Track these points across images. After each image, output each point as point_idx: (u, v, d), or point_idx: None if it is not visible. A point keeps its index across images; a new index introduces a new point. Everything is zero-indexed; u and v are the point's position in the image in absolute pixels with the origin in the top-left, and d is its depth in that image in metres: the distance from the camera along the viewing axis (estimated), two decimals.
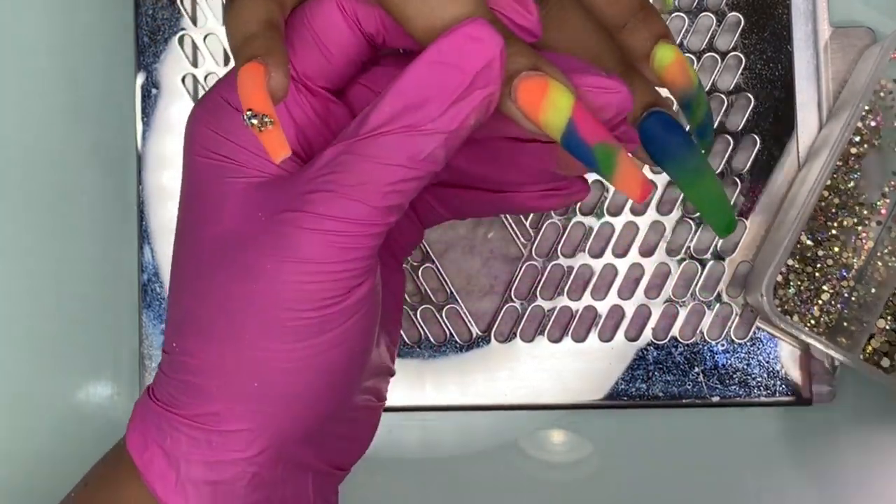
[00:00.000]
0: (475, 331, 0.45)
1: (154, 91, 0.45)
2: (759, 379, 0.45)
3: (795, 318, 0.44)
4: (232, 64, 0.45)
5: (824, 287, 0.44)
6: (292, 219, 0.26)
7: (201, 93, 0.46)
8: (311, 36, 0.28)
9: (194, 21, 0.46)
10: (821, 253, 0.45)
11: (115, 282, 0.46)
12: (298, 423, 0.29)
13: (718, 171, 0.45)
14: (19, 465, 0.46)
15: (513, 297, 0.45)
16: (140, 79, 0.45)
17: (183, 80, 0.45)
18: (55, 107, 0.47)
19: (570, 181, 0.31)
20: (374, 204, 0.26)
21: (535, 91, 0.24)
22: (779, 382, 0.45)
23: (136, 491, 0.29)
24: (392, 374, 0.33)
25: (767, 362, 0.45)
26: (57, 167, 0.47)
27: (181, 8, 0.46)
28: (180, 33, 0.46)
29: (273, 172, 0.28)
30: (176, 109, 0.45)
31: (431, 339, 0.45)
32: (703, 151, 0.26)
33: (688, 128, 0.28)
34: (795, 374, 0.45)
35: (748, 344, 0.45)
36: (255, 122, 0.25)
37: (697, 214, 0.45)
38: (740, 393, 0.45)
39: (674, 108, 0.30)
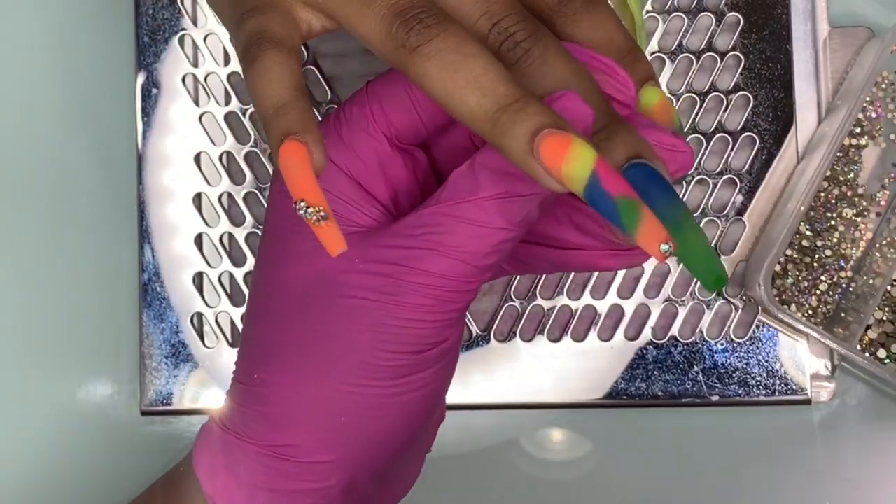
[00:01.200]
0: (475, 330, 0.45)
1: (154, 91, 0.46)
2: (758, 378, 0.45)
3: (793, 308, 0.44)
4: (234, 64, 0.45)
5: (822, 278, 0.45)
6: (399, 272, 0.27)
7: (202, 93, 0.46)
8: (409, 101, 0.29)
9: (194, 21, 0.46)
10: (819, 244, 0.45)
11: (115, 282, 0.46)
12: (374, 459, 0.30)
13: (717, 170, 0.45)
14: (19, 465, 0.46)
15: (512, 296, 0.45)
16: (140, 79, 0.46)
17: (183, 80, 0.46)
18: (55, 106, 0.47)
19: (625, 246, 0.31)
20: (476, 263, 0.27)
21: (557, 146, 0.24)
22: (778, 382, 0.45)
23: None
24: (442, 419, 0.34)
25: (767, 361, 0.45)
26: (57, 167, 0.47)
27: (181, 8, 0.46)
28: (180, 33, 0.46)
29: (364, 224, 0.29)
30: (176, 109, 0.46)
31: None
32: (685, 204, 0.26)
33: None
34: (795, 374, 0.45)
35: (748, 343, 0.45)
36: (310, 213, 0.25)
37: (696, 214, 0.45)
38: (740, 392, 0.45)
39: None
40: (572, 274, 0.45)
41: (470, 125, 0.26)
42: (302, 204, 0.25)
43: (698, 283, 0.45)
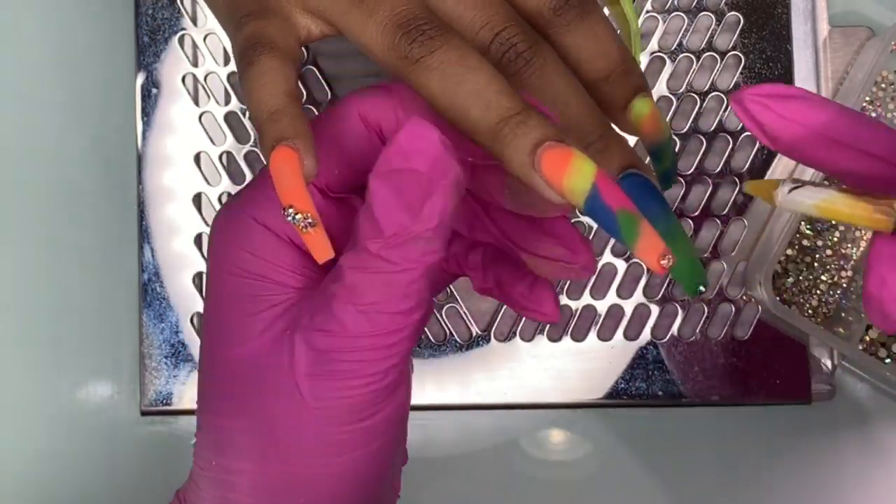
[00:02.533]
0: (475, 330, 0.45)
1: (154, 91, 0.46)
2: (758, 378, 0.45)
3: (793, 308, 0.44)
4: (234, 64, 0.45)
5: (823, 277, 0.45)
6: (324, 339, 0.26)
7: (201, 92, 0.46)
8: (336, 150, 0.28)
9: (194, 21, 0.46)
10: (819, 243, 0.45)
11: (115, 282, 0.46)
12: None
13: (717, 170, 0.45)
14: (19, 465, 0.46)
15: None
16: (140, 79, 0.46)
17: (183, 79, 0.46)
18: (55, 106, 0.47)
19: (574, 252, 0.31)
20: (396, 310, 0.26)
21: (559, 158, 0.24)
22: (778, 381, 0.45)
23: None
24: (405, 462, 0.34)
25: (767, 361, 0.45)
26: (57, 167, 0.47)
27: (181, 8, 0.46)
28: (180, 33, 0.46)
29: (300, 286, 0.28)
30: (176, 109, 0.46)
31: (431, 339, 0.45)
32: (674, 215, 0.27)
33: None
34: (795, 373, 0.45)
35: (748, 343, 0.45)
36: (298, 219, 0.25)
37: (696, 214, 0.45)
38: (740, 392, 0.45)
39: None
40: None
41: (473, 137, 0.26)
42: (290, 210, 0.25)
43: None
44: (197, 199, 0.45)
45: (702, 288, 0.27)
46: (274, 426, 0.27)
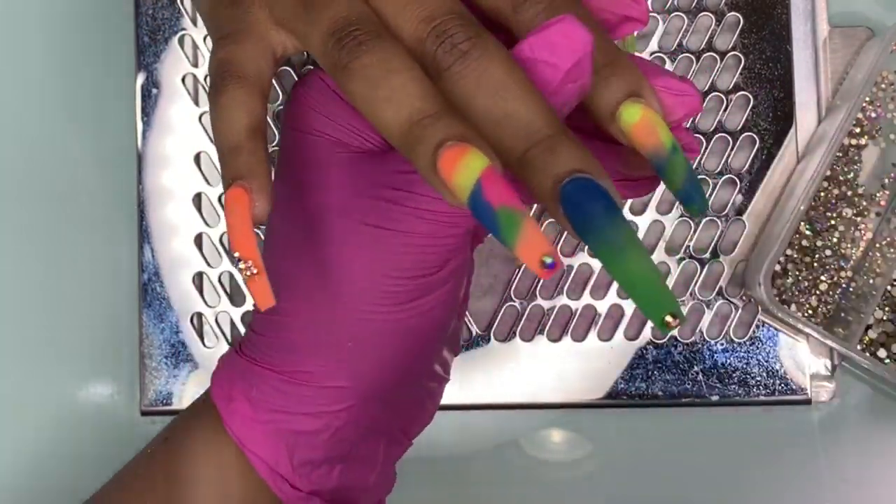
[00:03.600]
0: (475, 330, 0.45)
1: (154, 91, 0.46)
2: (758, 378, 0.45)
3: (793, 307, 0.44)
4: None
5: (822, 277, 0.45)
6: (398, 197, 0.28)
7: (201, 93, 0.46)
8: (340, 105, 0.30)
9: (194, 21, 0.46)
10: (819, 243, 0.45)
11: (115, 282, 0.46)
12: (384, 384, 0.30)
13: (717, 170, 0.45)
14: (19, 465, 0.46)
15: (512, 296, 0.45)
16: (140, 79, 0.46)
17: (183, 80, 0.46)
18: (55, 106, 0.47)
19: (637, 177, 0.30)
20: None
21: (452, 156, 0.24)
22: (778, 381, 0.45)
23: (218, 444, 0.31)
24: (458, 351, 0.35)
25: (767, 361, 0.45)
26: (57, 167, 0.47)
27: (181, 8, 0.46)
28: (180, 33, 0.46)
29: (364, 149, 0.30)
30: (176, 109, 0.46)
31: None
32: (629, 226, 0.23)
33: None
34: (795, 374, 0.45)
35: (747, 343, 0.45)
36: (241, 266, 0.27)
37: None
38: (740, 392, 0.45)
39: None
40: (572, 274, 0.45)
41: (389, 140, 0.26)
42: (236, 255, 0.27)
43: (698, 282, 0.45)
44: (197, 199, 0.45)
45: (669, 319, 0.23)
46: (336, 271, 0.29)
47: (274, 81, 0.33)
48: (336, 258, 0.29)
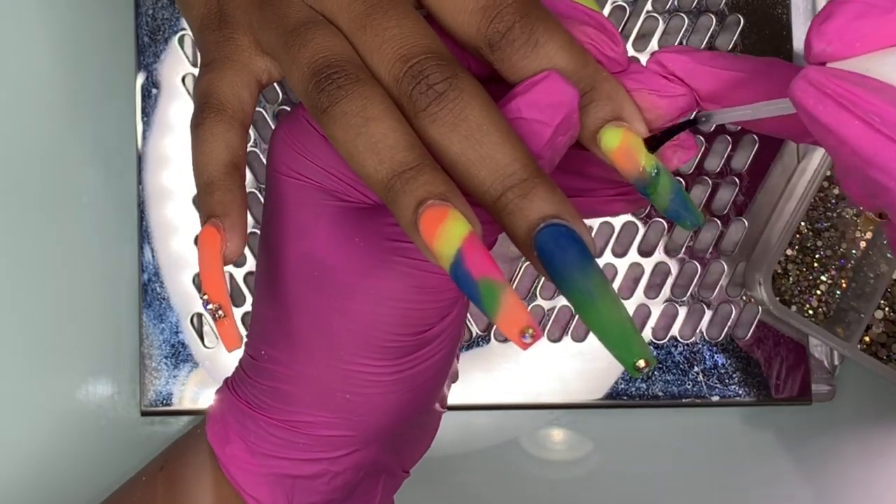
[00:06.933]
0: (475, 330, 0.45)
1: (154, 91, 0.46)
2: (758, 378, 0.45)
3: (793, 307, 0.44)
4: None
5: (822, 277, 0.45)
6: (399, 249, 0.27)
7: None
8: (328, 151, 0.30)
9: None
10: (819, 243, 0.45)
11: (115, 282, 0.46)
12: (384, 431, 0.30)
13: (717, 170, 0.45)
14: (19, 465, 0.46)
15: None
16: (140, 79, 0.46)
17: (183, 80, 0.46)
18: (55, 107, 0.47)
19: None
20: None
21: (433, 219, 0.24)
22: (778, 382, 0.45)
23: (215, 478, 0.31)
24: (456, 379, 0.34)
25: (767, 362, 0.45)
26: (57, 167, 0.47)
27: None
28: (180, 33, 0.46)
29: (360, 201, 0.29)
30: (176, 109, 0.46)
31: None
32: (601, 274, 0.24)
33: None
34: (795, 374, 0.45)
35: (748, 343, 0.45)
36: (210, 308, 0.27)
37: None
38: (740, 392, 0.45)
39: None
40: None
41: (371, 190, 0.26)
42: (205, 297, 0.26)
43: (699, 283, 0.45)
44: (197, 200, 0.45)
45: (641, 363, 0.23)
46: (332, 324, 0.28)
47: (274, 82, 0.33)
48: (331, 311, 0.28)
